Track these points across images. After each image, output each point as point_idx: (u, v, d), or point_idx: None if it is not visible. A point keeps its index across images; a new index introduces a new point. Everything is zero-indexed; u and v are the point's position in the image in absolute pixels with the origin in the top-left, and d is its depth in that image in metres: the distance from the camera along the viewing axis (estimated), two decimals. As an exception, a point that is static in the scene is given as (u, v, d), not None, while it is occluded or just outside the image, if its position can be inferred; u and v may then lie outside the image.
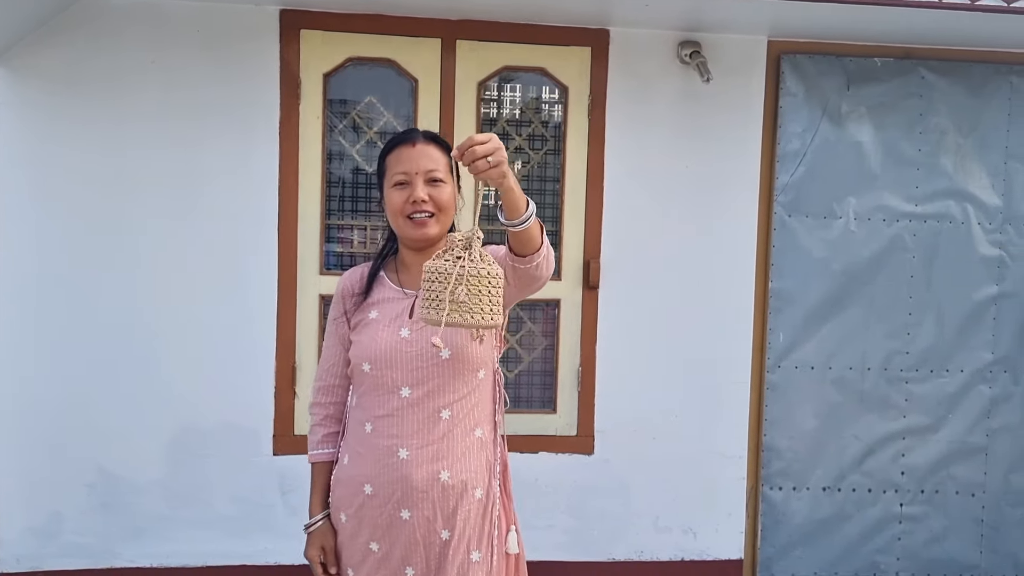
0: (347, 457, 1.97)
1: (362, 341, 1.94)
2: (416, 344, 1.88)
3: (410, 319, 1.90)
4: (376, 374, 1.89)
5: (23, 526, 3.24)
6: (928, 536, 3.60)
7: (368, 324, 1.95)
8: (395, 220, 1.95)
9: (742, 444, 3.56)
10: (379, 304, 1.97)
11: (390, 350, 1.89)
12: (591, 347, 3.49)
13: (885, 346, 3.55)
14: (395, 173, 1.93)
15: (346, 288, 2.04)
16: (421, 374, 1.87)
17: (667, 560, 3.56)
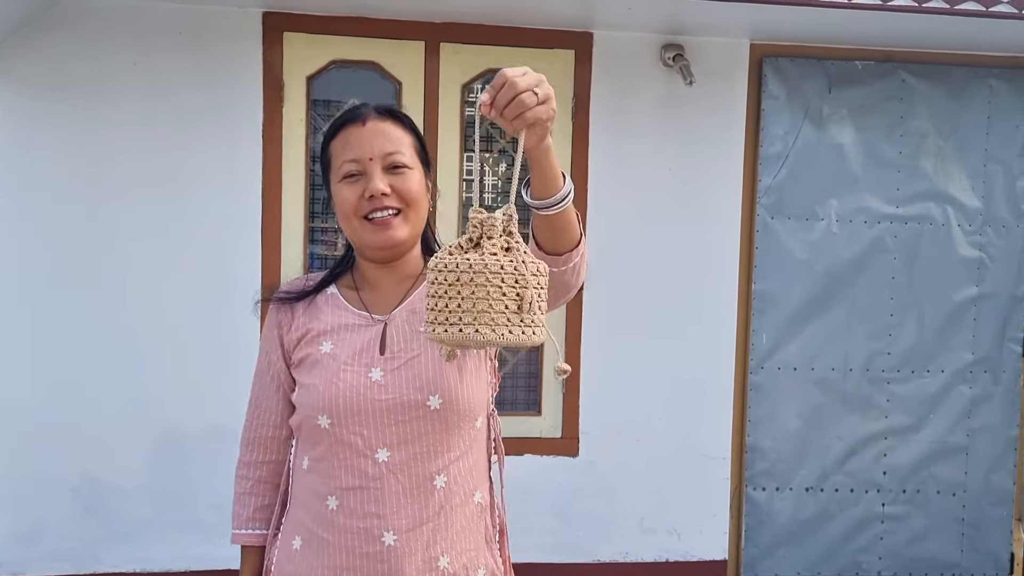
0: (298, 542, 1.46)
1: (315, 385, 1.44)
2: (393, 389, 1.41)
3: (382, 355, 1.44)
4: (338, 432, 1.41)
5: (6, 531, 3.22)
6: (910, 535, 3.63)
7: (320, 361, 1.46)
8: (348, 223, 1.46)
9: (726, 445, 3.58)
10: (334, 333, 1.48)
11: (358, 398, 1.41)
12: (576, 349, 3.50)
13: (867, 347, 3.58)
14: (343, 163, 1.45)
15: (283, 308, 1.55)
16: (404, 430, 1.41)
17: (652, 561, 3.57)
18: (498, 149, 3.51)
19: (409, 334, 1.46)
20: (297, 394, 1.49)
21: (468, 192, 3.52)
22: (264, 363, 1.57)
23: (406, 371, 1.43)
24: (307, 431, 1.46)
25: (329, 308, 1.52)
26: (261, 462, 1.57)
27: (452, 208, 3.43)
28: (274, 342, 1.55)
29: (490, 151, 3.51)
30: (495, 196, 3.58)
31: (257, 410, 1.57)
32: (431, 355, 1.44)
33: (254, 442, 1.57)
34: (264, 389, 1.56)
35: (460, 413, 1.43)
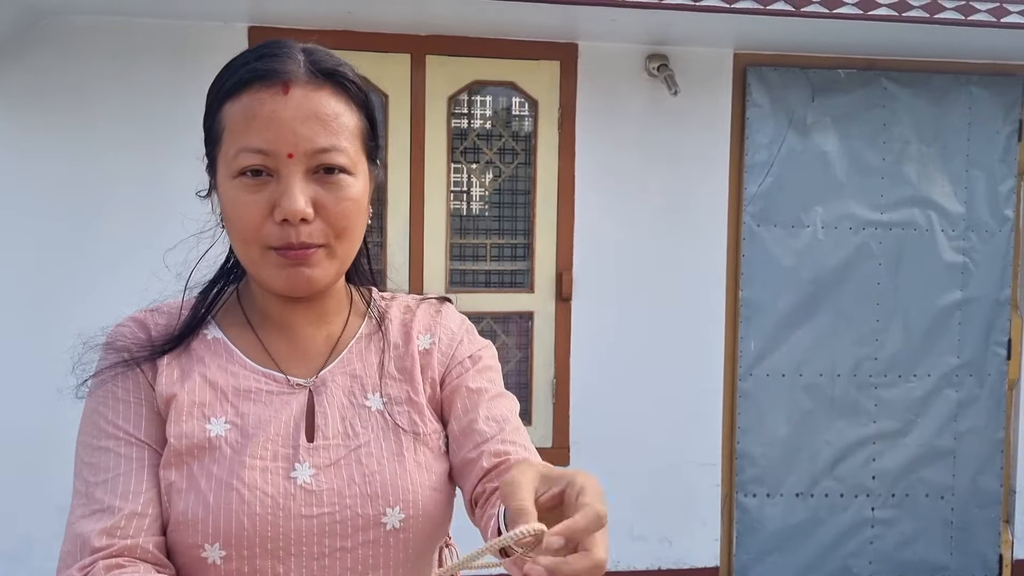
0: None
1: (200, 494, 0.92)
2: (331, 499, 0.95)
3: (310, 444, 0.97)
4: (236, 568, 0.92)
5: (-7, 551, 3.20)
6: (899, 539, 3.65)
7: (208, 452, 0.94)
8: (245, 249, 0.98)
9: (716, 452, 3.60)
10: (228, 404, 0.98)
11: (274, 515, 0.92)
12: (565, 359, 3.51)
13: (854, 352, 3.60)
14: (243, 150, 0.94)
15: (140, 360, 1.00)
16: (344, 564, 0.95)
17: (644, 569, 3.58)
18: (485, 160, 3.52)
19: (349, 409, 1.00)
20: (167, 506, 0.93)
21: (456, 203, 3.53)
22: (106, 444, 0.96)
23: (348, 468, 0.96)
24: (182, 568, 0.93)
25: (214, 361, 1.00)
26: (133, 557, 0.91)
27: (440, 222, 3.44)
28: (142, 390, 0.98)
29: (477, 162, 3.52)
30: (483, 206, 3.58)
31: (110, 515, 0.91)
32: (384, 441, 0.99)
33: (113, 532, 0.90)
34: (128, 476, 0.93)
35: (428, 534, 0.98)
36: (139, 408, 0.97)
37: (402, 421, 1.01)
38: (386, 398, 1.02)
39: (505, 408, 1.05)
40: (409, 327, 1.08)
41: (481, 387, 1.06)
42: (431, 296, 1.14)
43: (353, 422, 0.99)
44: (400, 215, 3.40)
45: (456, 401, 1.04)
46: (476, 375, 1.07)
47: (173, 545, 0.93)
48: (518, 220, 3.55)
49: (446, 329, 1.09)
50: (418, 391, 1.03)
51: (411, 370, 1.05)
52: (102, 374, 1.01)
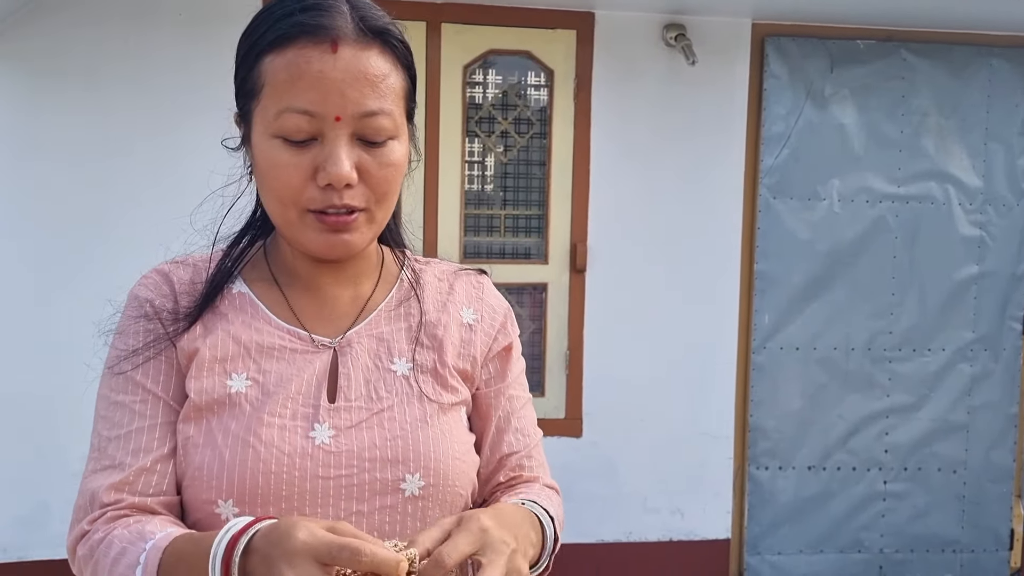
0: None
1: (216, 449, 0.92)
2: (350, 461, 0.93)
3: (331, 404, 0.96)
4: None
5: (9, 516, 3.21)
6: (911, 512, 3.66)
7: (222, 407, 0.94)
8: (280, 209, 0.96)
9: (728, 425, 3.60)
10: (250, 361, 0.96)
11: (290, 474, 0.91)
12: (579, 330, 3.50)
13: (868, 326, 3.59)
14: (287, 110, 0.91)
15: (163, 314, 0.99)
16: (360, 525, 0.93)
17: (655, 541, 3.59)
18: (500, 131, 3.49)
19: (374, 372, 0.99)
20: (180, 461, 0.93)
21: (471, 171, 3.51)
22: (126, 387, 0.95)
23: (370, 432, 0.95)
24: (194, 522, 0.93)
25: (239, 317, 0.99)
26: (147, 503, 0.93)
27: (454, 194, 3.42)
28: (161, 344, 0.97)
29: (492, 133, 3.49)
30: (497, 178, 3.56)
31: (121, 471, 0.92)
32: (408, 406, 0.98)
33: (130, 485, 0.92)
34: (140, 419, 0.94)
35: (448, 502, 0.97)
36: (158, 363, 0.96)
37: (427, 389, 1.00)
38: (413, 364, 1.01)
39: (530, 419, 1.10)
40: (445, 296, 1.07)
41: (516, 394, 1.08)
42: (468, 268, 1.13)
43: (377, 385, 0.98)
44: (414, 186, 3.39)
45: (493, 405, 1.06)
46: (514, 382, 1.09)
47: (189, 500, 0.93)
48: (532, 191, 3.53)
49: (489, 307, 1.09)
50: (445, 362, 1.03)
51: (442, 339, 1.04)
52: (123, 327, 1.00)
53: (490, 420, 1.06)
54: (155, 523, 0.89)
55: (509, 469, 1.06)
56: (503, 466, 1.06)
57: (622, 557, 3.54)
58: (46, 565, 3.22)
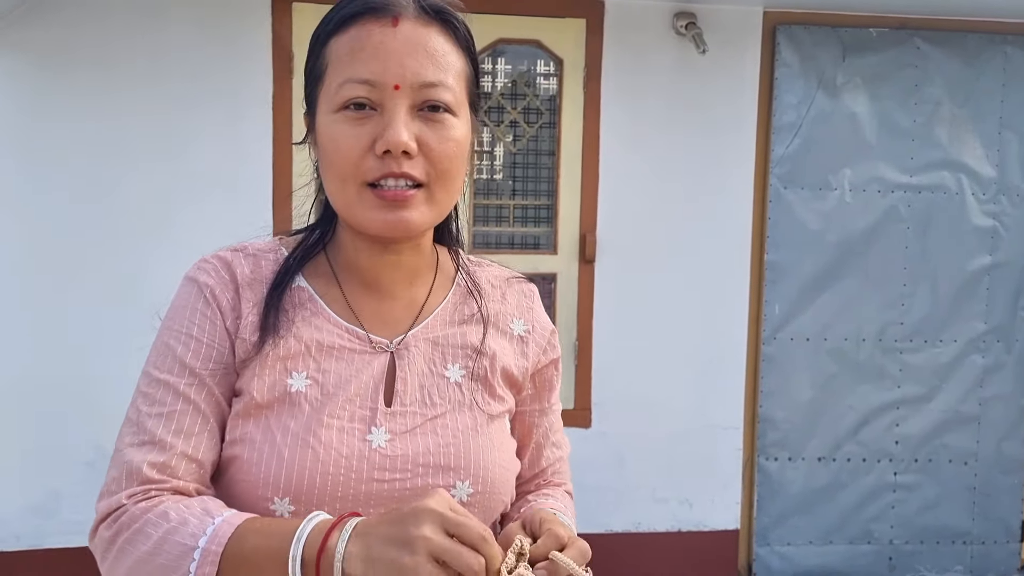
0: None
1: (274, 446, 0.92)
2: (404, 466, 0.95)
3: (388, 408, 0.97)
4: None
5: (23, 504, 3.24)
6: (921, 504, 3.64)
7: (282, 406, 0.94)
8: (340, 186, 0.95)
9: (738, 416, 3.59)
10: (310, 359, 0.97)
11: (347, 476, 0.92)
12: (588, 321, 3.49)
13: (880, 317, 3.57)
14: (348, 81, 0.92)
15: (223, 288, 0.98)
16: None
17: (664, 531, 3.59)
18: (509, 120, 3.48)
19: (428, 378, 0.99)
20: (234, 456, 0.93)
21: (480, 161, 3.50)
22: (179, 367, 0.94)
23: (424, 438, 0.96)
24: (239, 508, 0.92)
25: (299, 314, 0.98)
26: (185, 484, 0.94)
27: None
28: (217, 333, 0.96)
29: (500, 122, 3.48)
30: (506, 168, 3.55)
31: (162, 451, 0.91)
32: (459, 414, 0.99)
33: (171, 467, 0.92)
34: (183, 414, 0.93)
35: (492, 508, 0.99)
36: (210, 351, 0.95)
37: (478, 398, 1.02)
38: (465, 371, 1.02)
39: (561, 429, 1.17)
40: (499, 305, 1.10)
41: (556, 410, 1.15)
42: (518, 274, 1.15)
43: (431, 391, 0.99)
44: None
45: (537, 423, 1.11)
46: (556, 402, 1.15)
47: (241, 495, 0.93)
48: (541, 181, 3.52)
49: (540, 321, 1.13)
50: (496, 371, 1.05)
51: (494, 349, 1.06)
52: (178, 308, 0.99)
53: (532, 435, 1.12)
54: (217, 502, 0.89)
55: (543, 478, 1.14)
56: (538, 476, 1.14)
57: (631, 547, 3.55)
58: (59, 553, 3.25)
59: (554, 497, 1.12)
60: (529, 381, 1.09)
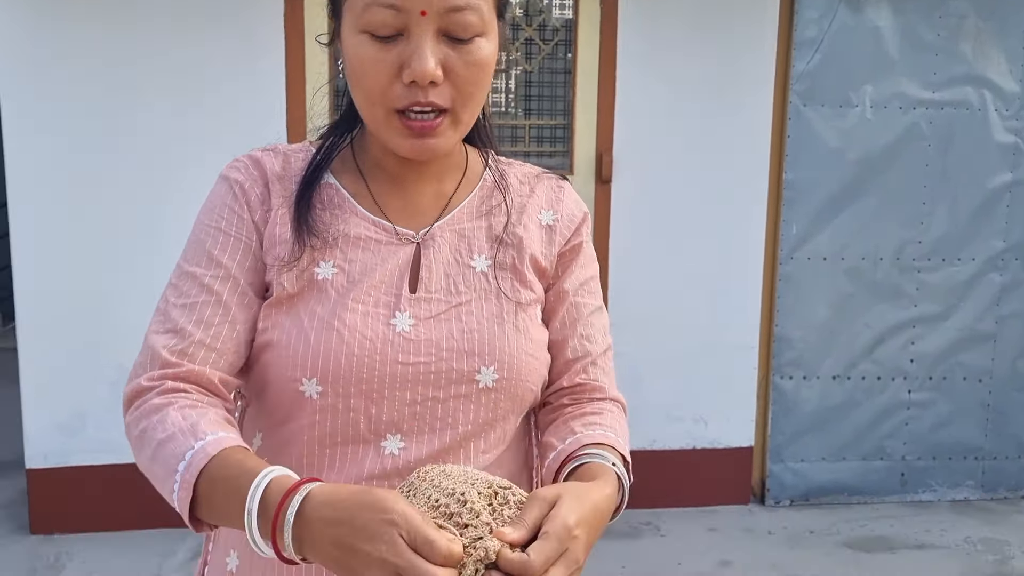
0: (234, 560, 1.02)
1: (302, 330, 0.95)
2: (428, 350, 0.97)
3: (413, 295, 0.99)
4: (331, 404, 0.95)
5: (48, 423, 3.29)
6: (935, 421, 3.68)
7: (311, 292, 0.97)
8: (369, 109, 0.96)
9: (754, 335, 3.60)
10: (337, 250, 0.99)
11: (371, 357, 0.95)
12: (604, 241, 3.48)
13: (898, 236, 3.55)
14: (372, 4, 0.92)
15: (252, 183, 1.01)
16: (432, 413, 0.97)
17: (679, 448, 3.64)
18: (524, 38, 3.42)
19: (454, 267, 1.01)
20: (265, 343, 0.97)
21: (494, 81, 3.45)
22: (206, 260, 0.98)
23: (448, 324, 0.98)
24: (276, 401, 0.97)
25: (327, 208, 1.01)
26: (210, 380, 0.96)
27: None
28: (244, 227, 0.99)
29: (515, 40, 3.42)
30: (520, 86, 3.50)
31: (182, 338, 0.94)
32: (485, 302, 1.00)
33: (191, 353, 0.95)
34: (206, 305, 0.96)
35: (519, 395, 1.00)
36: (237, 244, 0.99)
37: (505, 286, 1.03)
38: (492, 261, 1.03)
39: (600, 326, 1.10)
40: (526, 199, 1.10)
41: (583, 301, 1.09)
42: (549, 172, 1.14)
43: (456, 280, 1.01)
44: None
45: (558, 308, 1.08)
46: (581, 287, 1.09)
47: (273, 379, 0.97)
48: (557, 100, 3.47)
49: (568, 209, 1.11)
50: (523, 260, 1.05)
51: (521, 238, 1.06)
52: (210, 205, 1.02)
53: (554, 323, 1.08)
54: (210, 417, 0.90)
55: (574, 374, 1.08)
56: (567, 370, 1.08)
57: (646, 464, 3.58)
58: (87, 471, 3.32)
59: (600, 416, 1.05)
60: (556, 268, 1.08)
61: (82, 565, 3.10)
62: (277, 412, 0.98)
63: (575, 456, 0.98)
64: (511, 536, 0.78)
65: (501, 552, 0.77)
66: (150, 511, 3.30)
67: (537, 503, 0.82)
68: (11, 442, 3.82)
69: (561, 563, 0.79)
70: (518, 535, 0.78)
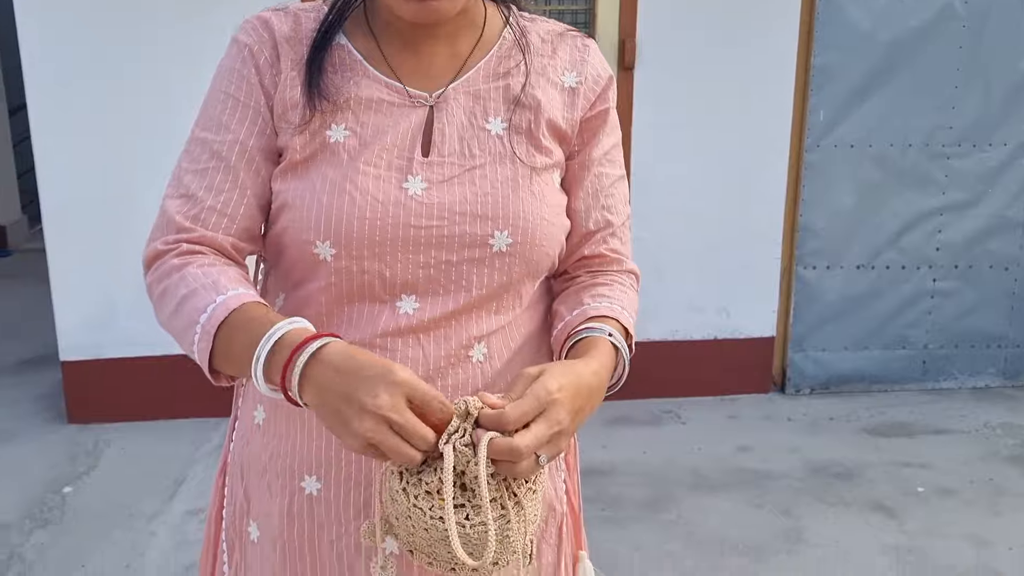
0: (261, 413, 1.05)
1: (315, 193, 0.95)
2: (441, 213, 0.96)
3: (425, 158, 0.97)
4: (346, 267, 0.95)
5: (81, 316, 3.35)
6: (959, 310, 3.66)
7: (323, 155, 0.97)
8: None
9: (777, 225, 3.57)
10: (349, 112, 0.98)
11: (383, 219, 0.95)
12: (627, 129, 3.43)
13: (928, 121, 3.47)
14: None
15: (262, 45, 1.00)
16: (446, 276, 0.97)
17: (700, 339, 3.66)
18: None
19: (468, 130, 0.99)
20: (279, 207, 0.97)
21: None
22: (215, 126, 0.98)
23: (461, 187, 0.97)
24: (292, 263, 0.99)
25: (338, 70, 0.99)
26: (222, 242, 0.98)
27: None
28: (253, 92, 0.98)
29: (535, -80, 3.30)
30: (541, -30, 3.39)
31: (194, 204, 0.96)
32: (500, 166, 0.99)
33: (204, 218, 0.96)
34: (216, 171, 0.97)
35: (535, 260, 1.00)
36: (246, 110, 0.98)
37: (520, 150, 1.00)
38: (508, 124, 1.01)
39: (620, 197, 1.09)
40: (547, 59, 1.06)
41: (606, 171, 1.08)
42: (575, 30, 1.09)
43: (471, 143, 0.99)
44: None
45: (580, 177, 1.06)
46: (604, 156, 1.07)
47: (289, 243, 0.97)
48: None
49: (593, 71, 1.07)
50: (540, 123, 1.02)
51: (540, 100, 1.03)
52: (222, 70, 1.01)
53: (577, 193, 1.06)
54: (230, 275, 0.93)
55: (594, 244, 1.08)
56: (588, 241, 1.08)
57: (667, 355, 3.63)
58: (119, 363, 3.40)
59: (610, 288, 1.06)
60: (577, 134, 1.05)
61: (120, 451, 3.21)
62: (294, 274, 1.00)
63: (578, 330, 1.00)
64: (491, 400, 0.83)
65: (484, 412, 0.82)
66: (183, 402, 3.41)
67: (522, 379, 0.86)
68: (45, 337, 3.91)
69: (541, 421, 0.83)
70: (498, 400, 0.83)
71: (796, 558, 2.57)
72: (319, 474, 1.00)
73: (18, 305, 4.83)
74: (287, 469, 1.02)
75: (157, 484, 2.97)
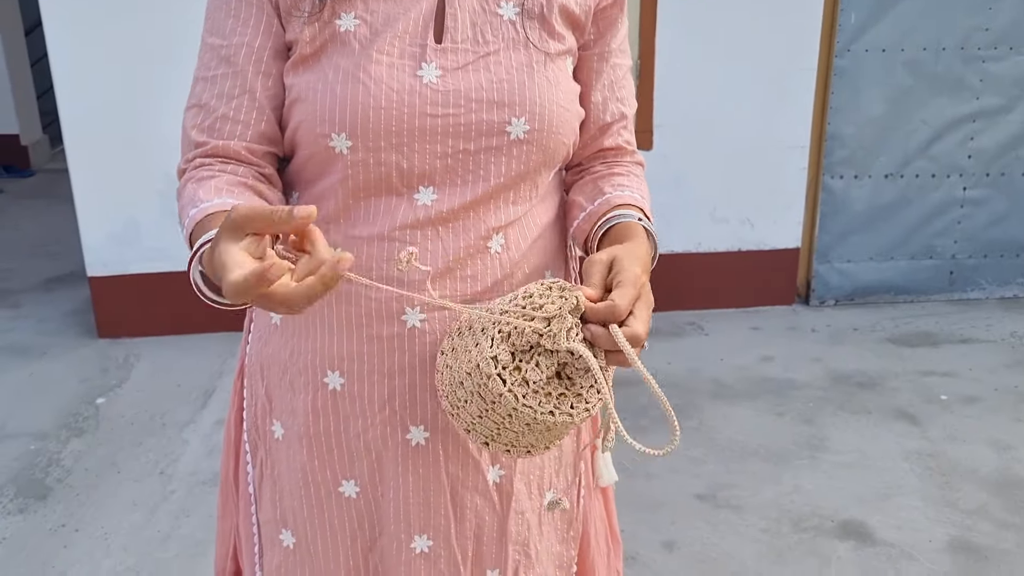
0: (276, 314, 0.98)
1: (328, 84, 0.93)
2: (456, 101, 0.94)
3: (439, 45, 0.94)
4: (363, 159, 0.94)
5: (105, 233, 3.38)
6: (988, 219, 3.60)
7: (333, 46, 0.95)
8: None
9: (805, 133, 3.50)
10: (359, 1, 0.95)
11: (399, 108, 0.93)
12: (650, 37, 3.34)
13: (964, 23, 3.35)
14: None
15: None
16: (463, 165, 0.96)
17: (724, 251, 3.63)
18: None
19: (480, 15, 0.97)
20: (293, 102, 0.96)
21: None
22: (220, 29, 0.97)
23: (476, 74, 0.94)
24: (308, 157, 0.97)
25: None
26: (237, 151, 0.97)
27: None
28: (248, 5, 0.96)
29: None
30: None
31: (207, 114, 0.96)
32: (514, 52, 0.97)
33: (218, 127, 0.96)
34: (224, 77, 0.96)
35: (551, 148, 0.99)
36: (250, 8, 0.96)
37: (533, 36, 0.98)
38: (520, 8, 0.98)
39: (630, 88, 1.09)
40: None
41: (620, 62, 1.07)
42: None
43: (484, 29, 0.96)
44: None
45: (597, 69, 1.05)
46: (618, 48, 1.06)
47: (304, 137, 0.96)
48: None
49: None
50: (552, 9, 0.99)
51: None
52: None
53: (595, 83, 1.05)
54: (210, 186, 0.91)
55: (612, 135, 1.08)
56: (606, 132, 1.07)
57: (691, 266, 3.61)
58: (146, 278, 3.43)
59: (627, 178, 1.06)
60: (592, 23, 1.03)
61: (151, 364, 3.27)
62: (310, 169, 0.98)
63: (607, 217, 1.00)
64: (589, 292, 0.84)
65: (587, 304, 0.83)
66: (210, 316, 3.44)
67: (596, 265, 0.86)
68: (72, 255, 3.95)
69: (642, 303, 0.84)
70: (594, 292, 0.84)
71: (818, 464, 2.60)
72: (341, 369, 1.00)
73: (43, 224, 4.88)
74: (309, 366, 1.02)
75: (187, 395, 3.03)
